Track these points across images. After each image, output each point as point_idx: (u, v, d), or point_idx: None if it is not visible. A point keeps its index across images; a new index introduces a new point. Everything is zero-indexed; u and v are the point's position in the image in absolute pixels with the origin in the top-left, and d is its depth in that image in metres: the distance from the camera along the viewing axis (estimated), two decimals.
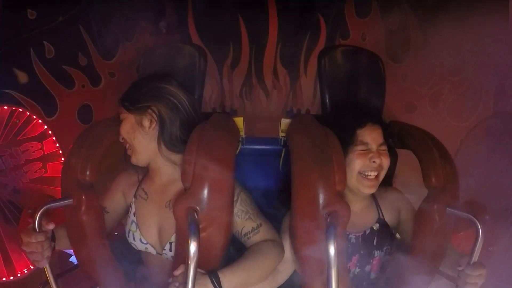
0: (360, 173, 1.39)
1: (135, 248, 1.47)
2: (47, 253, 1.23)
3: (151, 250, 1.44)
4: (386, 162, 1.39)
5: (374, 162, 1.37)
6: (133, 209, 1.46)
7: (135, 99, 1.38)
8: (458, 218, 1.30)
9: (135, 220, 1.45)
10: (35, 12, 2.37)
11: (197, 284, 1.15)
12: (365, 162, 1.37)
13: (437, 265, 1.37)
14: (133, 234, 1.45)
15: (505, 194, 2.56)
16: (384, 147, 1.41)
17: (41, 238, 1.21)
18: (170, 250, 1.38)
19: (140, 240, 1.44)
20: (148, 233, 1.43)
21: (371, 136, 1.39)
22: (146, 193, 1.46)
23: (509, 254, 2.55)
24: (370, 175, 1.38)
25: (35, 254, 1.22)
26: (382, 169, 1.39)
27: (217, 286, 1.19)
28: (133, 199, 1.48)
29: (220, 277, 1.20)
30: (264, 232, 1.37)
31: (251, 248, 1.34)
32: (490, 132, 2.62)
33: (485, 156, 2.60)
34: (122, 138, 1.40)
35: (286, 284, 1.41)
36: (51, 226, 1.23)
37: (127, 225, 1.47)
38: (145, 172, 1.50)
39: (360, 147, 1.38)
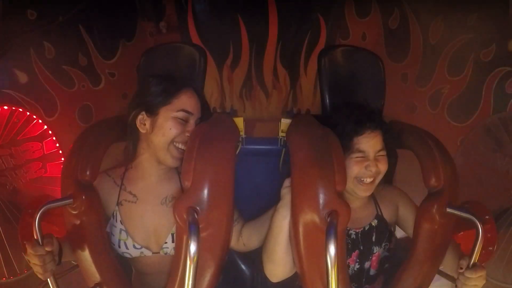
0: (356, 178, 1.39)
1: (129, 256, 1.42)
2: (50, 266, 1.21)
3: (146, 252, 1.41)
4: (383, 167, 1.39)
5: (370, 170, 1.38)
6: (118, 217, 1.41)
7: None
8: (458, 218, 1.29)
9: (124, 228, 1.41)
10: (35, 12, 2.37)
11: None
12: (361, 169, 1.37)
13: (437, 265, 1.37)
14: (125, 243, 1.40)
15: (505, 194, 2.56)
16: (383, 152, 1.40)
17: (42, 251, 1.18)
18: (172, 241, 1.38)
19: (134, 246, 1.40)
20: (141, 237, 1.41)
21: (368, 144, 1.38)
22: (134, 196, 1.42)
23: (509, 254, 2.55)
24: (366, 181, 1.39)
25: (36, 266, 1.20)
26: (378, 174, 1.40)
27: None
28: (116, 207, 1.42)
29: None
30: (242, 221, 1.47)
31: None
32: (490, 132, 2.62)
33: (485, 156, 2.60)
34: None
35: (286, 284, 1.41)
36: (49, 248, 1.19)
37: (114, 235, 1.41)
38: (122, 175, 1.45)
39: (356, 155, 1.38)
